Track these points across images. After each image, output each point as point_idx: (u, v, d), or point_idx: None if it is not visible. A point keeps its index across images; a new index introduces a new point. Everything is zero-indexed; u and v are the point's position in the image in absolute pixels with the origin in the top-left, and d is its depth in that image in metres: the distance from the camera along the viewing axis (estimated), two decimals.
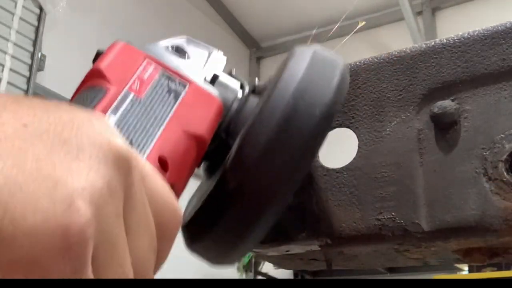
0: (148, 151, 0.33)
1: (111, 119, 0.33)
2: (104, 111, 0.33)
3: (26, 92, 2.30)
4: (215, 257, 0.42)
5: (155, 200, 0.25)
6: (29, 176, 0.20)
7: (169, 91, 0.38)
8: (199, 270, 3.49)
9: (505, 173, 0.43)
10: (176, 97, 0.38)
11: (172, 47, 0.43)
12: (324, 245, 0.49)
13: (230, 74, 0.46)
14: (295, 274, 3.74)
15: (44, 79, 2.42)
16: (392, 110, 0.50)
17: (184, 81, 0.39)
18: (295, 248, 0.51)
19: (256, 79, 0.49)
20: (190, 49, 0.44)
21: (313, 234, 0.48)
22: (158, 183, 0.26)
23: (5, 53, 2.26)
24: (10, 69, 2.27)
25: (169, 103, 0.37)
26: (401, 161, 0.48)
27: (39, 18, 2.42)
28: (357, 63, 0.53)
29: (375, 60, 0.52)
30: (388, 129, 0.49)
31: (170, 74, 0.39)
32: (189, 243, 0.42)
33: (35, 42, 2.38)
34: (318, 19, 3.63)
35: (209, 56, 0.45)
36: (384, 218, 0.47)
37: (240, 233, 0.38)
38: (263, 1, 3.65)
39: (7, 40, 2.27)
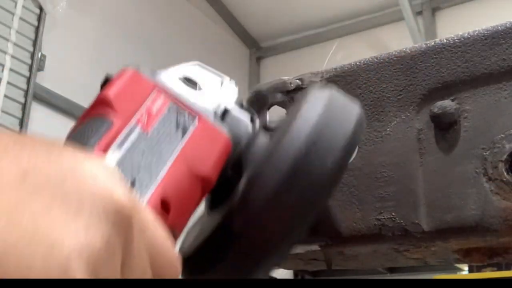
0: (151, 192, 0.32)
1: (115, 155, 0.32)
2: (108, 145, 0.32)
3: (26, 92, 2.30)
4: None
5: (154, 253, 0.25)
6: (24, 236, 0.19)
7: (177, 125, 0.37)
8: None
9: (505, 173, 0.43)
10: (184, 132, 0.37)
11: (183, 76, 0.42)
12: (324, 245, 0.49)
13: (241, 105, 0.45)
14: (295, 274, 3.74)
15: (44, 79, 2.42)
16: (392, 110, 0.50)
17: (193, 115, 0.38)
18: (295, 248, 0.51)
19: (267, 115, 0.47)
20: (201, 77, 0.43)
21: (313, 234, 0.48)
22: (158, 235, 0.26)
23: (5, 53, 2.26)
24: (10, 69, 2.27)
25: (176, 138, 0.36)
26: (401, 161, 0.48)
27: (39, 18, 2.41)
28: (357, 63, 0.53)
29: (375, 60, 0.52)
30: (388, 129, 0.49)
31: (180, 106, 0.38)
32: (188, 276, 0.42)
33: (35, 42, 2.38)
34: (318, 19, 3.63)
35: (221, 86, 0.44)
36: (384, 218, 0.47)
37: (241, 275, 0.38)
38: (263, 1, 3.64)
39: (7, 40, 2.27)
